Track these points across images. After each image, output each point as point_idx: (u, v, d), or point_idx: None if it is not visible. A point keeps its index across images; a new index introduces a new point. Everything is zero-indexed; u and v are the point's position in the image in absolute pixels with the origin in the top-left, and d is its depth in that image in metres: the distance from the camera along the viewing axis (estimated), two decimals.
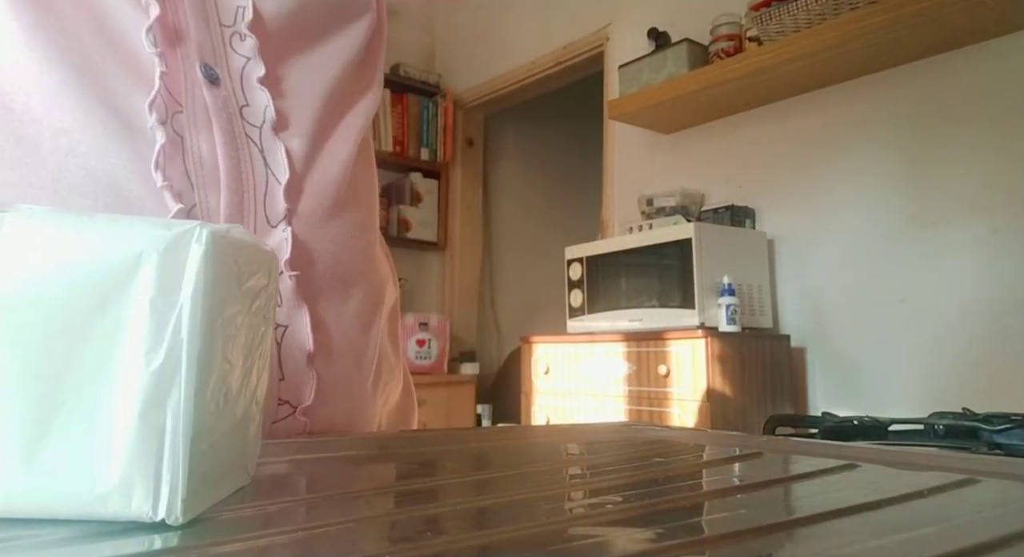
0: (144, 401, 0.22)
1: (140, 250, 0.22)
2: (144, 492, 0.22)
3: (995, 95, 1.64)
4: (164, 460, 0.22)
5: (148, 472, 0.22)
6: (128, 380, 0.22)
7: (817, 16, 1.73)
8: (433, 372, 2.93)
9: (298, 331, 0.46)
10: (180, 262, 0.22)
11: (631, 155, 2.50)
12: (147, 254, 0.22)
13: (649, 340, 1.79)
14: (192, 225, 0.23)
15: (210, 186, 0.44)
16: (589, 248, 2.06)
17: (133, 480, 0.22)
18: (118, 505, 0.22)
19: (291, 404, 0.46)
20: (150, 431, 0.22)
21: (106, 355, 0.22)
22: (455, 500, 0.27)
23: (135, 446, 0.22)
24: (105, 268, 0.22)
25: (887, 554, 0.20)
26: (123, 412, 0.22)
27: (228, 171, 0.44)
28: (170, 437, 0.22)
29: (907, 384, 1.73)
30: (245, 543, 0.21)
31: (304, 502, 0.27)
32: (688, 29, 2.16)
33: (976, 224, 1.65)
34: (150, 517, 0.22)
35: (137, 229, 0.23)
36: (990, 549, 0.21)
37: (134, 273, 0.22)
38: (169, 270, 0.22)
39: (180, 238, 0.22)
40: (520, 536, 0.21)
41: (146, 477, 0.22)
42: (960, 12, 1.53)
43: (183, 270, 0.22)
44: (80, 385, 0.22)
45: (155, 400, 0.22)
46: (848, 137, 1.89)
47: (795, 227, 1.98)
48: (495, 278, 3.59)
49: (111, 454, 0.22)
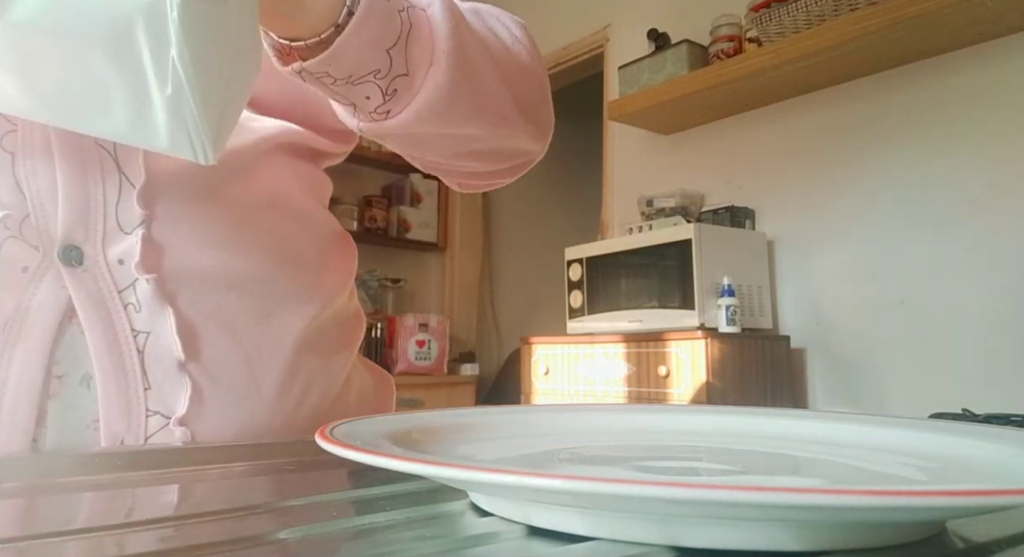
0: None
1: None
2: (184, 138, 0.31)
3: (995, 96, 1.64)
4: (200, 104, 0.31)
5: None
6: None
7: (817, 17, 1.73)
8: (433, 373, 2.93)
9: (163, 336, 0.44)
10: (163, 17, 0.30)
11: (631, 156, 2.50)
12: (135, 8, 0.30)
13: (649, 341, 1.79)
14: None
15: (46, 195, 0.43)
16: (589, 249, 2.06)
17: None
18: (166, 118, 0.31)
19: (163, 414, 0.44)
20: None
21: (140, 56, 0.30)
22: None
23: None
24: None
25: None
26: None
27: (69, 180, 0.43)
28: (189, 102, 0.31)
29: (907, 384, 1.73)
30: None
31: None
32: (688, 30, 2.16)
33: (976, 225, 1.65)
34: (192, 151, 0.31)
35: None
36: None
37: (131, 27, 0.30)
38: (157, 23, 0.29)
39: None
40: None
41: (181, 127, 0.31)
42: (960, 13, 1.53)
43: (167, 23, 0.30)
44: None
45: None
46: (848, 138, 1.89)
47: (795, 228, 1.98)
48: (495, 279, 3.59)
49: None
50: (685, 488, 0.16)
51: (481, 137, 0.49)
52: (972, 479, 0.26)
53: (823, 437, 0.35)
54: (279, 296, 0.50)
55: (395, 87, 0.42)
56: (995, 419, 1.06)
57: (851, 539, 0.20)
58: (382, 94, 0.42)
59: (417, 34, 0.42)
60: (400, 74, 0.42)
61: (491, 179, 0.59)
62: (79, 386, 0.43)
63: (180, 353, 0.44)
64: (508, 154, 0.55)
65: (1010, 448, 0.27)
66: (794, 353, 1.92)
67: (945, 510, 0.19)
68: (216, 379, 0.46)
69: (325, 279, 0.55)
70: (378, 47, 0.40)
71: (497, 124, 0.50)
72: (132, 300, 0.44)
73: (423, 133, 0.46)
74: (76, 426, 0.43)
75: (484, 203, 3.53)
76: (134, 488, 0.30)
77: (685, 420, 0.40)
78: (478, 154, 0.53)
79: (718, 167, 2.20)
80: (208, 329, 0.46)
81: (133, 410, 0.43)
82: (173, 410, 0.44)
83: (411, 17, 0.41)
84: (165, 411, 0.44)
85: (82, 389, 0.43)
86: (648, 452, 0.34)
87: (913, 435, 0.32)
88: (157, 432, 0.44)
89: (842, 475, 0.29)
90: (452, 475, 0.19)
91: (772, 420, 0.38)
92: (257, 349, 0.48)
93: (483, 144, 0.51)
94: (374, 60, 0.40)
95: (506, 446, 0.34)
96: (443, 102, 0.44)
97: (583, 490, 0.17)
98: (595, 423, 0.40)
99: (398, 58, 0.41)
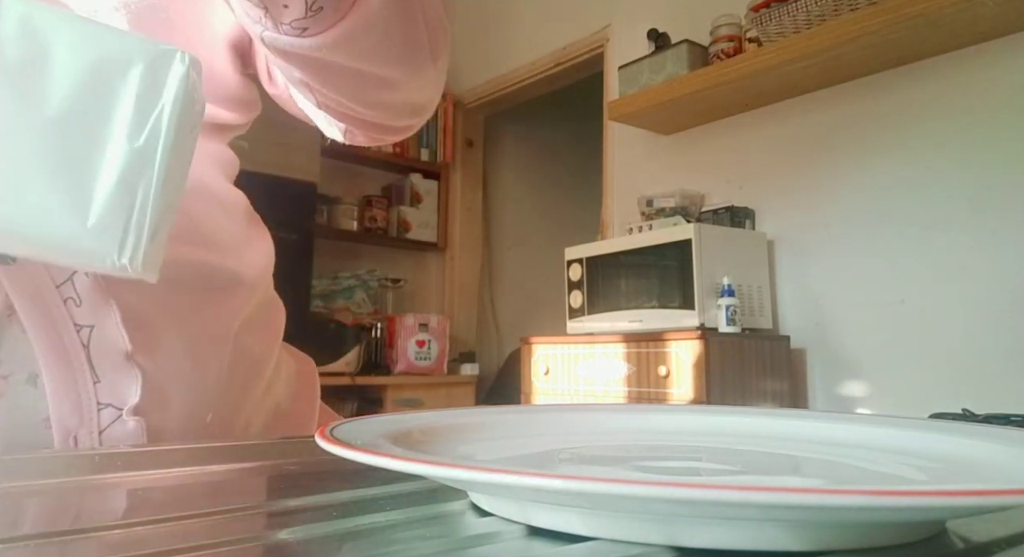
0: (123, 170, 0.28)
1: (133, 55, 0.29)
2: (112, 239, 0.28)
3: (995, 96, 1.64)
4: (133, 217, 0.28)
5: (118, 225, 0.28)
6: (112, 152, 0.28)
7: (817, 17, 1.73)
8: (433, 373, 2.93)
9: (108, 329, 0.43)
10: (164, 72, 0.29)
11: (631, 156, 2.50)
12: (138, 60, 0.29)
13: (649, 341, 1.79)
14: (174, 48, 0.30)
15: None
16: (589, 249, 2.06)
17: (106, 227, 0.27)
18: (90, 243, 0.28)
19: (115, 406, 0.43)
20: (125, 193, 0.28)
21: (96, 129, 0.28)
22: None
23: (111, 202, 0.28)
24: (104, 63, 0.28)
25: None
26: (104, 175, 0.28)
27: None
28: (139, 203, 0.28)
29: (907, 384, 1.73)
30: None
31: None
32: (688, 30, 2.16)
33: (976, 225, 1.65)
34: (114, 260, 0.28)
35: (134, 39, 0.29)
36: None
37: (126, 71, 0.28)
38: (155, 76, 0.29)
39: (167, 54, 0.29)
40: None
41: (116, 229, 0.28)
42: (960, 13, 1.53)
43: (166, 78, 0.29)
44: (70, 148, 0.28)
45: (132, 171, 0.28)
46: (848, 138, 1.89)
47: (795, 228, 1.98)
48: (495, 279, 3.59)
49: (90, 204, 0.27)
50: (685, 488, 0.16)
51: (396, 83, 0.46)
52: (972, 479, 0.26)
53: (823, 437, 0.35)
54: (213, 283, 0.49)
55: (321, 4, 0.37)
56: (995, 419, 1.06)
57: (851, 539, 0.20)
58: (305, 7, 0.37)
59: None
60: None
61: (385, 135, 0.54)
62: (25, 384, 0.42)
63: (127, 345, 0.43)
64: (412, 109, 0.51)
65: (1010, 448, 0.27)
66: (794, 353, 1.92)
67: (945, 510, 0.19)
68: (164, 368, 0.45)
69: (251, 264, 0.54)
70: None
71: (415, 73, 0.46)
72: (71, 294, 0.43)
73: (336, 64, 0.42)
74: (26, 425, 0.42)
75: (484, 203, 3.53)
76: (134, 488, 0.30)
77: (685, 420, 0.40)
78: (384, 105, 0.48)
79: (718, 167, 2.20)
80: (153, 319, 0.45)
81: (84, 404, 0.42)
82: (125, 401, 0.43)
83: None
84: (117, 403, 0.43)
85: (29, 387, 0.42)
86: (648, 452, 0.34)
87: (913, 435, 0.32)
88: (110, 424, 0.43)
89: (842, 475, 0.29)
90: (452, 475, 0.19)
91: (772, 420, 0.38)
92: (198, 337, 0.48)
93: (394, 94, 0.47)
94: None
95: (506, 446, 0.34)
96: (370, 33, 0.40)
97: (583, 490, 0.17)
98: (595, 423, 0.40)
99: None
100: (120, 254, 0.28)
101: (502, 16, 3.18)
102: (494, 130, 3.62)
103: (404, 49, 0.43)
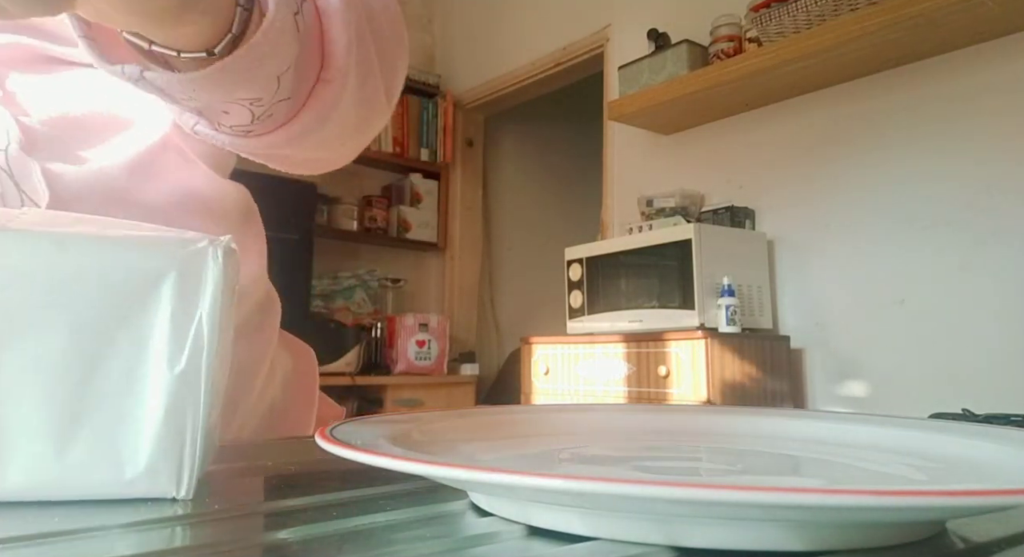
0: (169, 401, 0.25)
1: (161, 267, 0.25)
2: (168, 477, 0.25)
3: (995, 96, 1.64)
4: (185, 450, 0.25)
5: (172, 461, 0.25)
6: (153, 383, 0.25)
7: (817, 17, 1.73)
8: (433, 373, 2.93)
9: None
10: (197, 277, 0.25)
11: (631, 156, 2.50)
12: (167, 270, 0.25)
13: (649, 341, 1.79)
14: (205, 242, 0.26)
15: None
16: (589, 249, 2.06)
17: (159, 468, 0.25)
18: (143, 488, 0.25)
19: None
20: (174, 427, 0.25)
21: (133, 360, 0.25)
22: None
23: (161, 440, 0.25)
24: (130, 282, 0.25)
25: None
26: (149, 411, 0.25)
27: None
28: (190, 431, 0.25)
29: (907, 385, 1.73)
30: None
31: None
32: (688, 30, 2.16)
33: (976, 225, 1.65)
34: (172, 496, 0.25)
35: (157, 245, 0.25)
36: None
37: (157, 287, 0.25)
38: (188, 284, 0.25)
39: (197, 255, 0.26)
40: None
41: (170, 465, 0.25)
42: (960, 13, 1.53)
43: (200, 284, 0.25)
44: (108, 387, 0.25)
45: (178, 400, 0.25)
46: (848, 138, 1.89)
47: (795, 228, 1.98)
48: (495, 279, 3.59)
49: (138, 447, 0.25)
50: (685, 488, 0.16)
51: (347, 141, 0.44)
52: (972, 479, 0.26)
53: (823, 437, 0.35)
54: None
55: (271, 112, 0.34)
56: (995, 419, 1.06)
57: (851, 539, 0.20)
58: (251, 118, 0.34)
59: (308, 44, 0.34)
60: (283, 99, 0.34)
61: (327, 167, 0.51)
62: None
63: None
64: (359, 146, 0.49)
65: (1010, 448, 0.27)
66: (794, 353, 1.92)
67: (945, 510, 0.19)
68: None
69: (243, 276, 0.53)
70: (270, 72, 0.32)
71: (367, 130, 0.44)
72: None
73: (281, 152, 0.40)
74: None
75: (484, 203, 3.53)
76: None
77: (685, 420, 0.40)
78: (330, 149, 0.45)
79: (718, 167, 2.20)
80: None
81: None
82: None
83: (305, 18, 0.33)
84: None
85: None
86: (648, 452, 0.34)
87: (913, 435, 0.32)
88: None
89: (842, 475, 0.29)
90: (452, 475, 0.19)
91: (772, 420, 0.38)
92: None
93: (343, 146, 0.45)
94: (257, 87, 0.32)
95: (506, 446, 0.34)
96: (325, 125, 0.37)
97: (583, 490, 0.17)
98: (595, 423, 0.40)
99: (286, 82, 0.33)
100: (177, 490, 0.25)
101: (502, 16, 3.18)
102: (494, 130, 3.62)
103: (360, 121, 0.41)
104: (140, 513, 0.24)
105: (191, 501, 0.26)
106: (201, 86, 0.31)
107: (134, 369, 0.25)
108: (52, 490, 0.24)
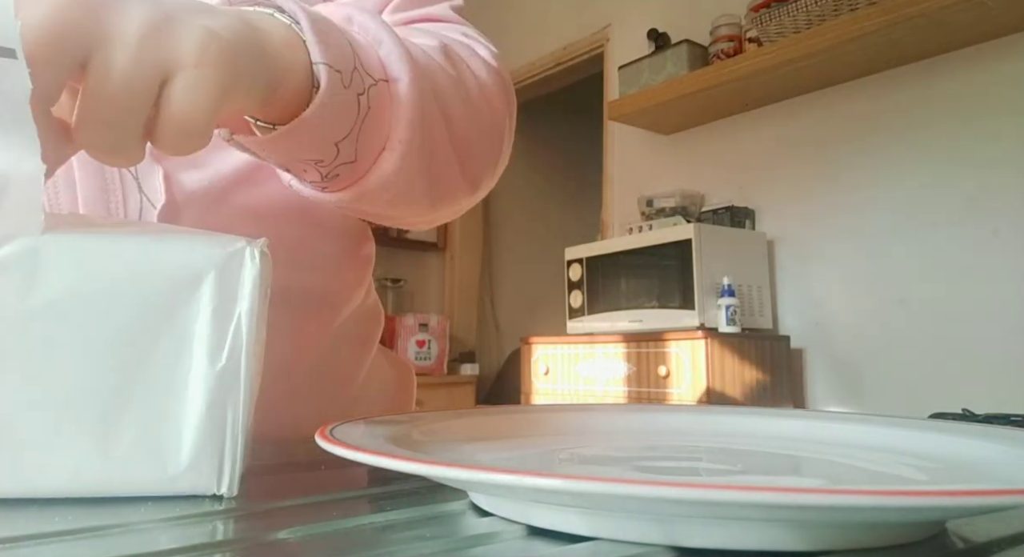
0: (210, 397, 0.26)
1: (201, 267, 0.26)
2: (210, 473, 0.26)
3: (995, 96, 1.64)
4: (226, 446, 0.26)
5: (214, 457, 0.26)
6: (195, 379, 0.26)
7: (817, 17, 1.73)
8: (433, 373, 2.93)
9: None
10: (235, 277, 0.26)
11: (631, 156, 2.50)
12: (207, 271, 0.26)
13: (649, 341, 1.79)
14: (242, 243, 0.27)
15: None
16: (589, 249, 2.06)
17: (201, 464, 0.26)
18: (186, 484, 0.26)
19: None
20: (215, 422, 0.26)
21: (176, 358, 0.26)
22: None
23: (202, 435, 0.26)
24: (172, 283, 0.26)
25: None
26: (191, 407, 0.26)
27: (90, 202, 0.43)
28: (231, 427, 0.26)
29: (907, 385, 1.73)
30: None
31: None
32: (688, 30, 2.16)
33: (976, 225, 1.65)
34: (213, 492, 0.26)
35: (196, 247, 0.26)
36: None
37: (197, 287, 0.26)
38: (226, 284, 0.26)
39: (236, 256, 0.27)
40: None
41: (212, 461, 0.26)
42: (960, 13, 1.53)
43: (238, 284, 0.26)
44: (151, 384, 0.25)
45: (219, 397, 0.26)
46: (848, 138, 1.89)
47: (795, 228, 1.98)
48: (495, 279, 3.59)
49: (180, 443, 0.26)
50: (685, 488, 0.16)
51: (422, 212, 0.47)
52: (972, 479, 0.26)
53: (823, 437, 0.35)
54: (295, 305, 0.50)
55: (337, 173, 0.38)
56: (995, 419, 1.05)
57: (851, 539, 0.20)
58: (321, 177, 0.39)
59: (375, 119, 0.37)
60: (346, 162, 0.38)
61: (416, 226, 0.56)
62: None
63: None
64: (442, 217, 0.52)
65: (1010, 448, 0.27)
66: (794, 353, 1.92)
67: (945, 510, 0.19)
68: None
69: (341, 282, 0.54)
70: (326, 140, 0.36)
71: (443, 204, 0.47)
72: None
73: (358, 207, 0.44)
74: None
75: (484, 203, 3.53)
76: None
77: (685, 420, 0.40)
78: (405, 210, 0.49)
79: (718, 167, 2.20)
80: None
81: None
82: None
83: (371, 99, 0.37)
84: None
85: None
86: (648, 452, 0.34)
87: (913, 435, 0.32)
88: None
89: (842, 475, 0.29)
90: (452, 475, 0.19)
91: (772, 420, 0.38)
92: (285, 355, 0.48)
93: (419, 216, 0.48)
94: (316, 151, 0.36)
95: (506, 446, 0.34)
96: (389, 189, 0.41)
97: (583, 490, 0.17)
98: (595, 423, 0.40)
99: (347, 148, 0.37)
100: (219, 486, 0.26)
101: (502, 16, 3.18)
102: None
103: (427, 186, 0.44)
104: (138, 513, 0.24)
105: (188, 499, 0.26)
106: (265, 148, 0.36)
107: (177, 366, 0.26)
108: (96, 487, 0.25)
